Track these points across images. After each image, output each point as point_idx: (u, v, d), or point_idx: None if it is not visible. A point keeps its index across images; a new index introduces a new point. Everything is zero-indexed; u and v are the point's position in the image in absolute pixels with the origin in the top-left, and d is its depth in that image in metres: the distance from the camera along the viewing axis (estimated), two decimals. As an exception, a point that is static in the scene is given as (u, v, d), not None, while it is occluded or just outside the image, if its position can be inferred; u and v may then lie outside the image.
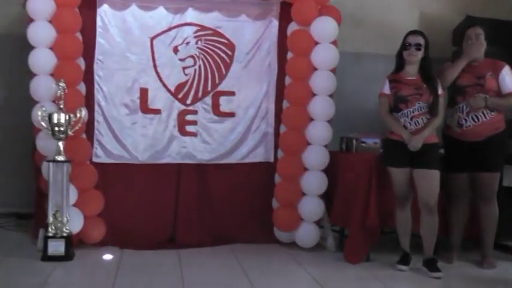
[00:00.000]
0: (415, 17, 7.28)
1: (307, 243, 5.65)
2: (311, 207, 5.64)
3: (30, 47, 5.35)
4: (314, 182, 5.64)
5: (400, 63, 5.10)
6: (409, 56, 4.99)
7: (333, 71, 5.71)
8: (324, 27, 5.60)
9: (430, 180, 4.87)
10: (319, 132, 5.65)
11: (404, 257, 5.09)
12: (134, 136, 5.75)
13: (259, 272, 4.97)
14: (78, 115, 5.22)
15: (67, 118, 5.10)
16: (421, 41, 4.98)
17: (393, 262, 5.14)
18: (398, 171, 4.96)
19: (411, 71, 5.04)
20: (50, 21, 5.32)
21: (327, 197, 5.70)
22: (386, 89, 5.08)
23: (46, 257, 4.99)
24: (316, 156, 5.64)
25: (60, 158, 5.09)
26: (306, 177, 5.65)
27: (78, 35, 5.47)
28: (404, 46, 5.01)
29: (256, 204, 5.91)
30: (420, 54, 4.98)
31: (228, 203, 5.88)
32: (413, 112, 4.93)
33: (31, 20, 5.34)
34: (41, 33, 5.30)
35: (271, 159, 5.94)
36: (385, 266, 5.17)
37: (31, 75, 5.37)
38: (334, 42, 5.68)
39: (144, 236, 5.63)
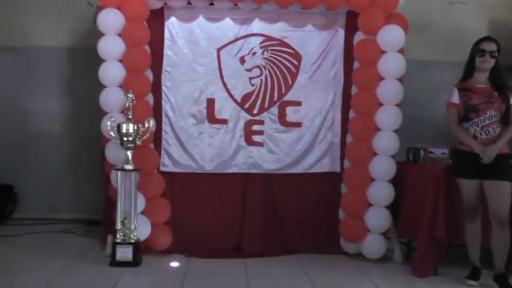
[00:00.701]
0: (484, 23, 7.12)
1: (374, 255, 5.58)
2: (378, 218, 5.57)
3: (100, 60, 5.50)
4: (381, 193, 5.57)
5: (469, 70, 4.95)
6: (483, 63, 4.83)
7: (400, 79, 5.63)
8: (390, 36, 5.53)
9: (501, 192, 4.71)
10: (386, 142, 5.58)
11: (474, 272, 4.94)
12: (201, 146, 5.81)
13: (326, 282, 4.94)
14: (146, 125, 5.32)
15: (135, 128, 5.21)
16: (495, 48, 4.83)
17: (462, 277, 4.99)
18: (469, 183, 4.83)
19: (481, 79, 4.89)
20: (119, 35, 5.46)
21: (393, 208, 5.62)
22: (455, 98, 4.93)
23: (114, 263, 5.10)
24: (383, 167, 5.57)
25: (129, 166, 5.20)
26: (372, 187, 5.59)
27: (147, 48, 5.59)
28: (478, 52, 4.84)
29: (322, 215, 5.88)
30: (493, 62, 4.83)
31: (294, 213, 5.88)
32: (484, 121, 4.79)
33: (101, 34, 5.49)
34: (111, 46, 5.45)
35: (338, 170, 5.89)
36: (454, 281, 5.03)
37: (101, 86, 5.52)
38: (401, 51, 5.60)
39: (210, 244, 5.69)
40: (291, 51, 5.88)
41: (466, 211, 4.91)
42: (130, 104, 5.23)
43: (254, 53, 5.84)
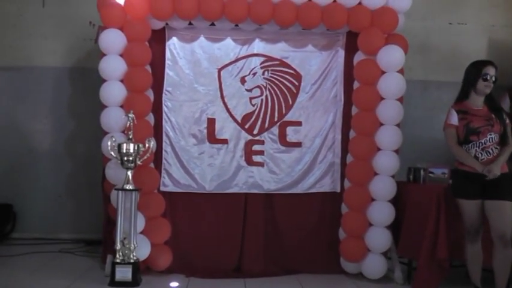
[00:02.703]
0: (484, 44, 7.17)
1: (374, 275, 5.56)
2: (378, 238, 5.55)
3: (101, 80, 5.52)
4: (381, 213, 5.56)
5: (466, 92, 4.94)
6: (486, 88, 4.82)
7: (400, 100, 5.64)
8: (390, 56, 5.55)
9: (503, 212, 4.70)
10: (386, 162, 5.57)
11: (475, 292, 4.94)
12: (201, 166, 5.80)
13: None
14: (146, 145, 5.32)
15: (136, 148, 5.20)
16: (495, 72, 4.83)
17: (463, 297, 5.00)
18: (470, 203, 4.81)
19: (479, 102, 4.90)
20: (121, 55, 5.49)
21: (394, 228, 5.61)
22: (454, 120, 4.91)
23: (113, 283, 5.07)
24: (383, 187, 5.57)
25: (129, 186, 5.19)
26: (372, 207, 5.57)
27: (148, 68, 5.61)
28: (483, 76, 4.81)
29: (323, 234, 5.87)
30: (492, 86, 4.86)
31: (294, 233, 5.86)
32: (485, 143, 4.79)
33: (103, 54, 5.51)
34: (112, 66, 5.47)
35: (338, 190, 5.87)
36: (455, 301, 5.04)
37: (102, 106, 5.53)
38: (401, 71, 5.62)
39: (211, 264, 5.68)
40: (291, 71, 5.89)
41: (467, 232, 4.89)
42: (131, 123, 5.23)
43: (255, 73, 5.86)
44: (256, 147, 5.85)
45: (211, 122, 5.80)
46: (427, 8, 7.08)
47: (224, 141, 5.82)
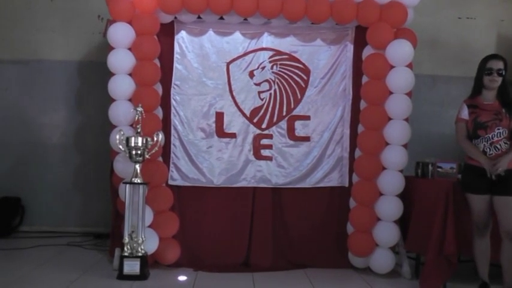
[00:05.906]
0: (492, 38, 7.15)
1: (382, 269, 5.57)
2: (386, 232, 5.55)
3: (110, 74, 5.52)
4: (389, 207, 5.55)
5: (478, 87, 4.93)
6: (490, 82, 4.82)
7: (409, 94, 5.62)
8: (399, 51, 5.53)
9: (511, 208, 4.70)
10: (394, 156, 5.56)
11: (482, 287, 4.92)
12: (210, 160, 5.81)
13: (334, 297, 4.93)
14: (155, 139, 5.33)
15: (144, 142, 5.21)
16: (502, 66, 4.81)
17: (471, 292, 4.98)
18: (478, 198, 4.80)
19: (489, 96, 4.88)
20: (129, 49, 5.49)
21: (402, 222, 5.61)
22: (465, 115, 4.91)
23: (122, 276, 5.09)
24: (391, 181, 5.56)
25: (137, 180, 5.20)
26: (381, 202, 5.57)
27: (156, 61, 5.61)
28: (486, 71, 4.83)
29: (331, 229, 5.87)
30: (501, 80, 4.82)
31: (302, 227, 5.86)
32: (492, 138, 4.77)
33: (111, 48, 5.51)
34: (121, 60, 5.47)
35: (346, 184, 5.88)
36: (463, 296, 5.02)
37: (110, 100, 5.53)
38: (409, 65, 5.60)
39: (219, 258, 5.69)
40: (300, 65, 5.89)
41: (475, 226, 4.89)
42: (140, 117, 5.24)
43: (263, 68, 5.85)
44: (264, 142, 5.86)
45: (219, 116, 5.81)
46: (436, 2, 7.06)
47: (232, 135, 5.83)
